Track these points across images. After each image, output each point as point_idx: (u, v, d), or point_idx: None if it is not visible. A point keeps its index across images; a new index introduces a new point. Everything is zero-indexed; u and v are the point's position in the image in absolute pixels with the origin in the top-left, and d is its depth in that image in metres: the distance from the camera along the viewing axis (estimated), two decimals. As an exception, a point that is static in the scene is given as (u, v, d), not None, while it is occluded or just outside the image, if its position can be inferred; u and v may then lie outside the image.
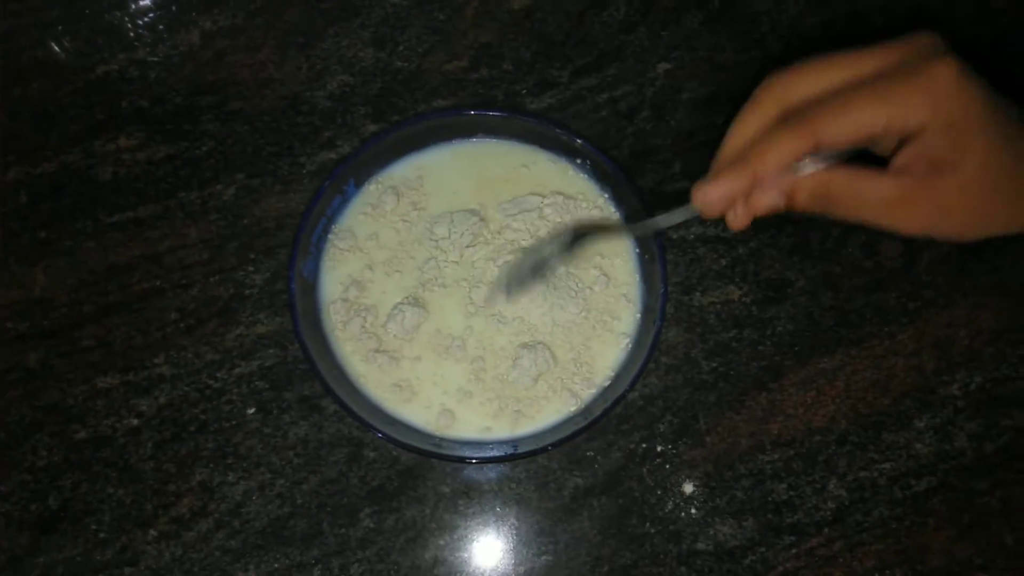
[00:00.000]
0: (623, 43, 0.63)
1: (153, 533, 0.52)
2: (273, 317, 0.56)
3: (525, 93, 0.62)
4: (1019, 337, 0.57)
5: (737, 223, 0.39)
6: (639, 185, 0.59)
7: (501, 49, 0.63)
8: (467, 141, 0.57)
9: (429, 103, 0.62)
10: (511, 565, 0.52)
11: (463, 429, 0.51)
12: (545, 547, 0.53)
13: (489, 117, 0.55)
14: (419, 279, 0.53)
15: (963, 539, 0.53)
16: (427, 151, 0.56)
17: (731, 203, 0.39)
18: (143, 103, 0.61)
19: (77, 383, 0.55)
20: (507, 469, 0.54)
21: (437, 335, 0.52)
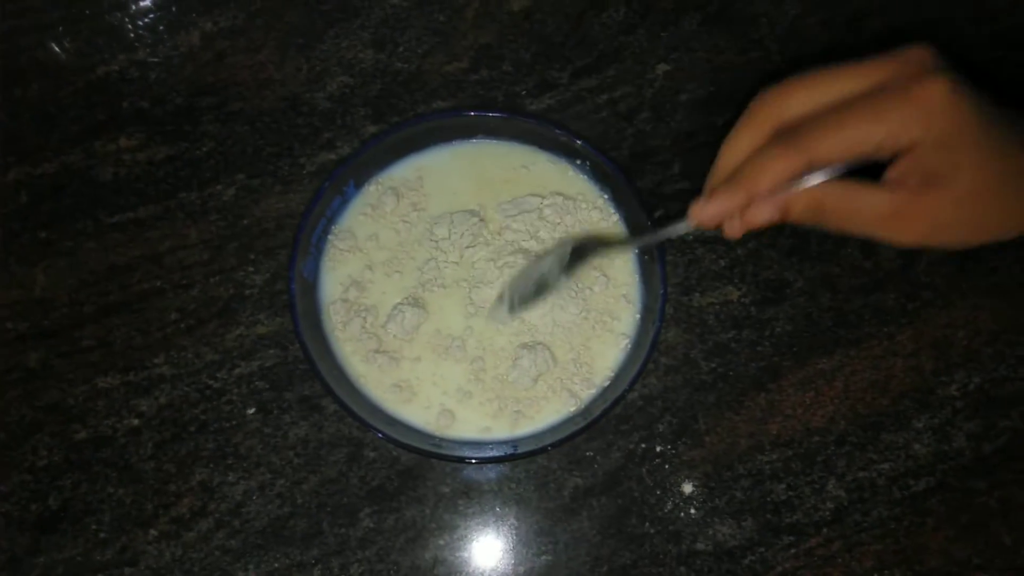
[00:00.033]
0: (622, 44, 0.63)
1: (153, 533, 0.52)
2: (273, 317, 0.56)
3: (525, 94, 0.62)
4: (1017, 338, 0.57)
5: (733, 234, 0.40)
6: (639, 186, 0.59)
7: (501, 50, 0.63)
8: (467, 142, 0.57)
9: (429, 104, 0.62)
10: (511, 565, 0.52)
11: (463, 429, 0.51)
12: (545, 547, 0.53)
13: (489, 118, 0.55)
14: (419, 279, 0.54)
15: (961, 539, 0.54)
16: (427, 152, 0.56)
17: (727, 219, 0.39)
18: (143, 104, 0.61)
19: (77, 383, 0.55)
20: (507, 469, 0.54)
21: (437, 335, 0.52)
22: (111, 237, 0.58)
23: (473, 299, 0.53)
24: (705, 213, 0.39)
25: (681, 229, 0.41)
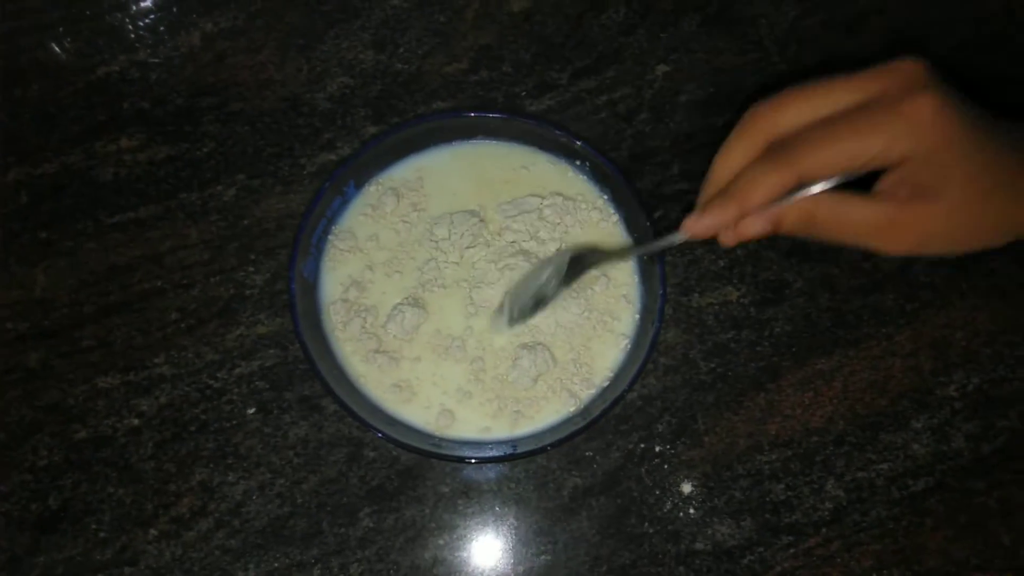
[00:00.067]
0: (622, 45, 0.64)
1: (153, 533, 0.52)
2: (273, 317, 0.56)
3: (524, 95, 0.62)
4: (1016, 338, 0.57)
5: (727, 242, 0.41)
6: (638, 186, 0.59)
7: (501, 51, 0.63)
8: (467, 143, 0.57)
9: (429, 105, 0.62)
10: (510, 565, 0.53)
11: (462, 429, 0.51)
12: (544, 547, 0.53)
13: (489, 119, 0.55)
14: (419, 280, 0.54)
15: (960, 539, 0.54)
16: (427, 152, 0.57)
17: (720, 231, 0.41)
18: (144, 104, 0.61)
19: (77, 383, 0.55)
20: (506, 469, 0.54)
21: (437, 335, 0.53)
22: (111, 237, 0.58)
23: (473, 299, 0.53)
24: (698, 226, 0.40)
25: (675, 240, 0.42)
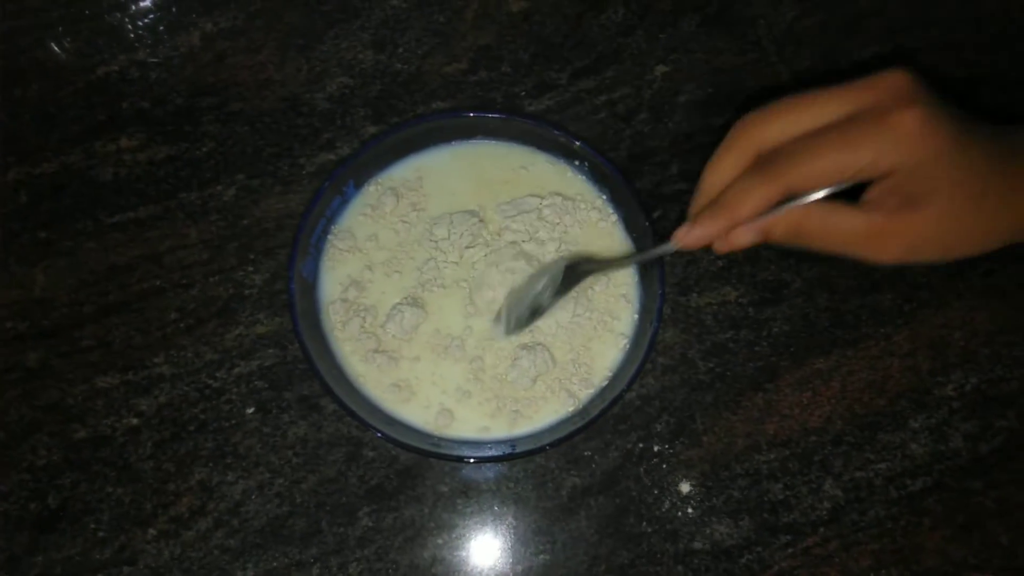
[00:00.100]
0: (621, 46, 0.64)
1: (152, 532, 0.52)
2: (272, 317, 0.56)
3: (524, 95, 0.62)
4: (1014, 338, 0.58)
5: (719, 250, 0.42)
6: (637, 186, 0.59)
7: (500, 51, 0.63)
8: (466, 142, 0.57)
9: (428, 105, 0.62)
10: (509, 564, 0.53)
11: (461, 429, 0.51)
12: (543, 546, 0.53)
13: (488, 119, 0.55)
14: (418, 280, 0.54)
15: (958, 539, 0.54)
16: (426, 152, 0.57)
17: (711, 242, 0.41)
18: (144, 104, 0.61)
19: (77, 383, 0.55)
20: (505, 469, 0.54)
21: (436, 335, 0.53)
22: (111, 237, 0.58)
23: (473, 300, 0.53)
24: (689, 238, 0.41)
25: (668, 250, 0.43)
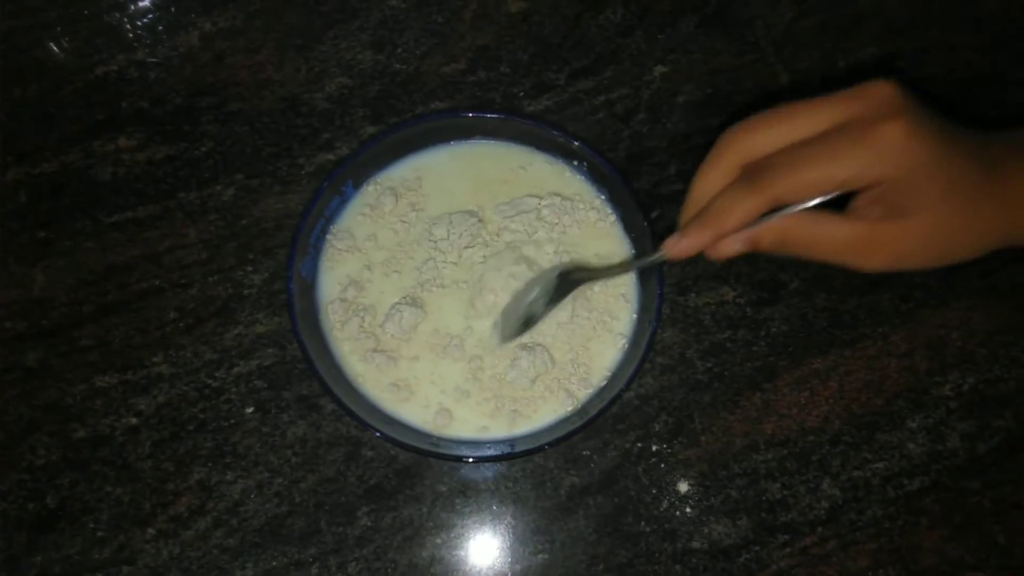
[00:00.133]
0: (619, 46, 0.64)
1: (151, 532, 0.52)
2: (272, 317, 0.57)
3: (522, 95, 0.62)
4: (1011, 339, 0.58)
5: (709, 258, 0.43)
6: (635, 187, 0.59)
7: (499, 52, 0.63)
8: (465, 143, 0.57)
9: (427, 105, 0.62)
10: (508, 563, 0.53)
11: (460, 428, 0.51)
12: (541, 545, 0.53)
13: (487, 119, 0.55)
14: (417, 279, 0.54)
15: (955, 538, 0.54)
16: (425, 152, 0.57)
17: (700, 252, 0.42)
18: (143, 104, 0.61)
19: (76, 382, 0.55)
20: (504, 468, 0.54)
21: (435, 335, 0.53)
22: (110, 237, 0.58)
23: (474, 304, 0.53)
24: (678, 249, 0.42)
25: (659, 259, 0.44)
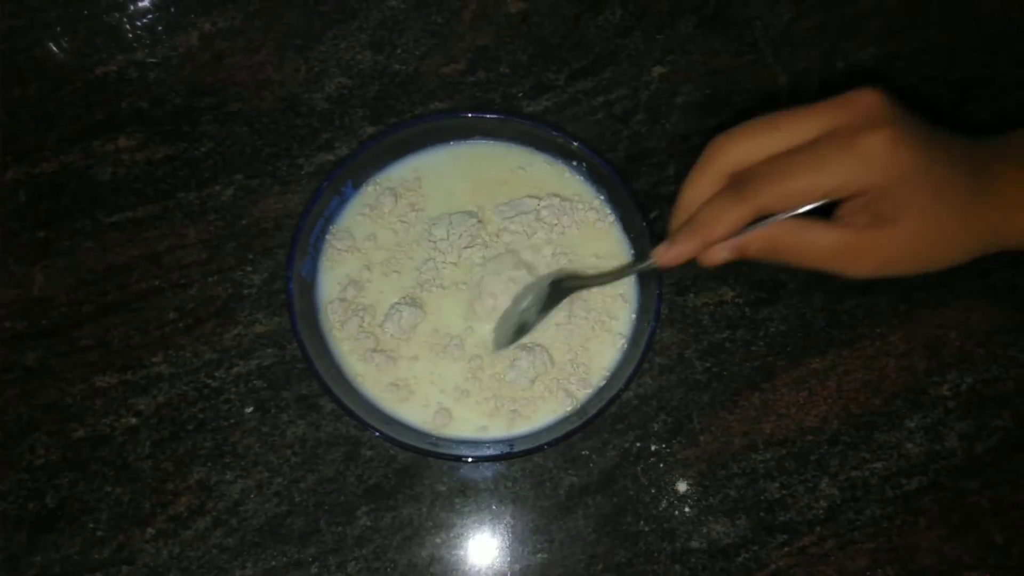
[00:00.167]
0: (618, 47, 0.64)
1: (151, 531, 0.52)
2: (271, 317, 0.57)
3: (521, 96, 0.62)
4: (1009, 339, 0.58)
5: (701, 264, 0.43)
6: (634, 187, 0.60)
7: (498, 52, 0.64)
8: (464, 143, 0.57)
9: (426, 105, 0.62)
10: (507, 563, 0.53)
11: (460, 428, 0.52)
12: (540, 545, 0.53)
13: (486, 119, 0.56)
14: (417, 279, 0.54)
15: (954, 538, 0.54)
16: (425, 153, 0.57)
17: (689, 259, 0.43)
18: (142, 104, 0.61)
19: (75, 382, 0.55)
20: (503, 468, 0.54)
21: (435, 335, 0.53)
22: (109, 237, 0.58)
23: (474, 308, 0.53)
24: (667, 257, 0.43)
25: (650, 266, 0.45)
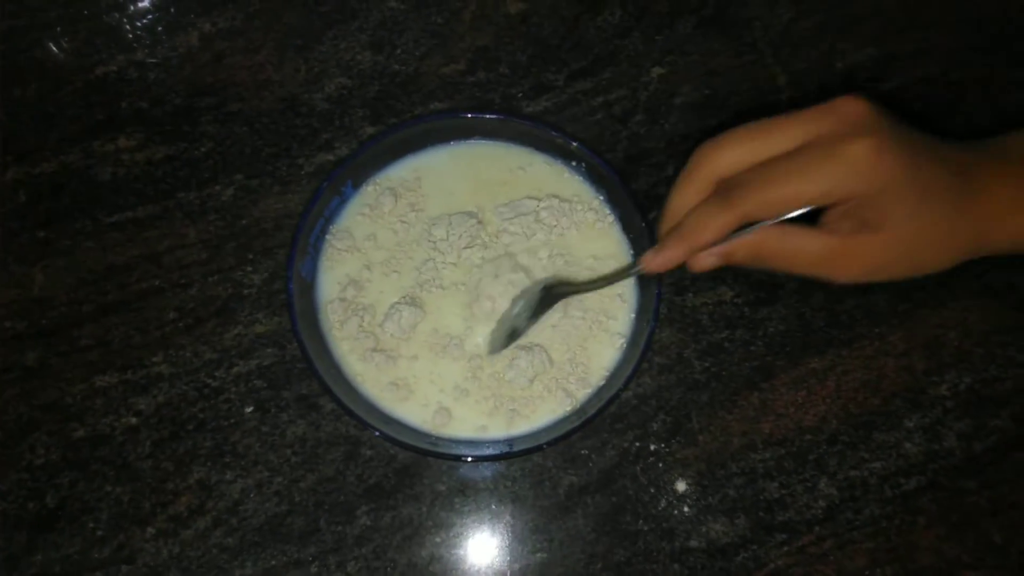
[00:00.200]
0: (618, 47, 0.64)
1: (151, 531, 0.52)
2: (271, 316, 0.57)
3: (521, 96, 0.63)
4: (1008, 339, 0.58)
5: (690, 270, 0.44)
6: (633, 187, 0.60)
7: (498, 53, 0.64)
8: (464, 143, 0.57)
9: (426, 106, 0.62)
10: (506, 562, 0.53)
11: (459, 428, 0.52)
12: (540, 544, 0.53)
13: (486, 120, 0.56)
14: (417, 279, 0.54)
15: (952, 538, 0.54)
16: (424, 153, 0.57)
17: (677, 266, 0.43)
18: (142, 104, 0.61)
19: (76, 382, 0.55)
20: (503, 467, 0.54)
21: (434, 334, 0.53)
22: (110, 237, 0.58)
23: (472, 311, 0.53)
24: (655, 263, 0.44)
25: (638, 272, 0.46)
